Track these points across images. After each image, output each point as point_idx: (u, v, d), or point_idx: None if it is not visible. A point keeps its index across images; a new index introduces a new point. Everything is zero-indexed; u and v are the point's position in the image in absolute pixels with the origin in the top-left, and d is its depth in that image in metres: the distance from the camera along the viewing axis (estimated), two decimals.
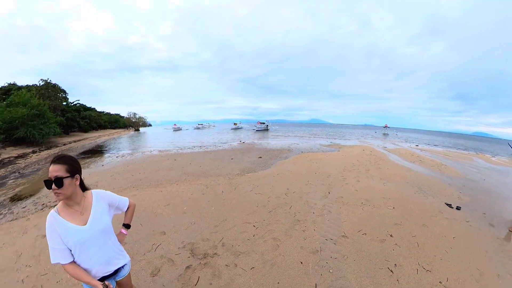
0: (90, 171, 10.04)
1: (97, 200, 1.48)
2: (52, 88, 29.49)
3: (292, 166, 8.38)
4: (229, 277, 2.61)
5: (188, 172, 8.31)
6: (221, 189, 5.83)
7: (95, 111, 50.59)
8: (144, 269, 2.87)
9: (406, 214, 4.23)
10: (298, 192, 5.32)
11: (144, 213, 4.49)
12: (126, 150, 17.65)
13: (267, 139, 23.49)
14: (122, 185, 7.12)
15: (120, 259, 1.58)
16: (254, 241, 3.31)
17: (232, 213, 4.30)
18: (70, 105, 36.28)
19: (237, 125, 55.43)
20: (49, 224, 1.29)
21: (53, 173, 1.26)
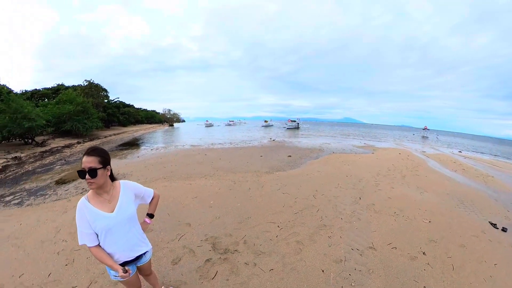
0: (126, 162, 11.25)
1: (125, 190, 1.67)
2: (94, 87, 33.59)
3: (322, 167, 8.11)
4: (246, 276, 2.70)
5: (218, 167, 8.70)
6: (248, 186, 5.98)
7: (133, 107, 56.50)
8: (166, 257, 3.16)
9: (443, 231, 3.78)
10: (327, 195, 5.16)
11: (173, 204, 4.89)
12: (160, 144, 19.36)
13: (298, 138, 23.12)
14: (154, 176, 7.80)
15: (143, 246, 1.78)
16: (276, 242, 3.34)
17: (257, 211, 4.38)
18: (110, 102, 40.51)
19: (268, 122, 57.79)
20: (79, 210, 1.49)
21: (87, 164, 1.44)
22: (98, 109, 30.72)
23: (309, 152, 12.10)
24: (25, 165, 12.15)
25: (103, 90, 35.87)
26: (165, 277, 2.76)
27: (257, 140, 20.73)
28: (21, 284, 2.84)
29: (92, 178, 1.45)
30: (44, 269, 3.09)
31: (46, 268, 3.10)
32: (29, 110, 15.48)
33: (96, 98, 32.36)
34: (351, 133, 31.32)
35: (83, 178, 1.45)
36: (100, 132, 28.98)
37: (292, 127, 43.48)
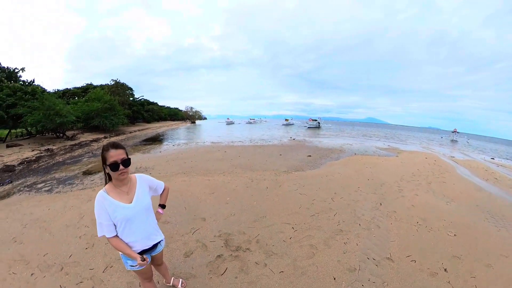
0: (149, 156, 11.96)
1: (140, 182, 1.82)
2: (121, 86, 36.60)
3: (342, 169, 7.89)
4: (255, 276, 2.73)
5: (236, 164, 8.88)
6: (266, 184, 6.01)
7: (157, 105, 59.10)
8: (179, 249, 3.30)
9: (469, 247, 3.46)
10: (346, 199, 5.02)
11: (190, 198, 5.10)
12: (181, 140, 20.44)
13: (319, 137, 22.66)
14: (174, 170, 8.19)
15: (157, 236, 1.93)
16: (289, 244, 3.33)
17: (273, 210, 4.40)
18: (135, 100, 43.27)
19: (289, 121, 58.01)
20: (98, 202, 1.61)
21: (120, 156, 1.58)
22: (124, 107, 33.23)
23: (329, 153, 11.85)
24: (56, 156, 13.39)
25: (128, 89, 38.86)
26: (176, 268, 2.89)
27: (277, 138, 20.79)
28: (45, 262, 3.17)
29: (125, 167, 1.61)
30: (66, 250, 3.41)
31: (68, 250, 3.41)
32: (60, 108, 17.30)
33: (122, 96, 35.27)
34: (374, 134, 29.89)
35: (116, 170, 1.57)
36: (125, 128, 31.28)
37: (313, 126, 43.18)
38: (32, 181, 8.09)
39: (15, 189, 7.31)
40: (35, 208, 5.27)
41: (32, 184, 7.69)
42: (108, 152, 1.57)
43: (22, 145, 15.36)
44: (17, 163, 11.37)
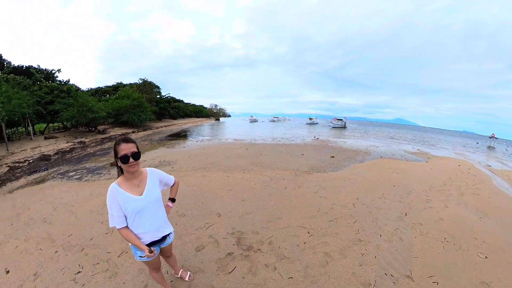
0: (173, 151, 12.57)
1: (151, 176, 1.96)
2: (148, 84, 39.36)
3: (367, 172, 7.54)
4: (263, 278, 2.74)
5: (257, 162, 8.98)
6: (285, 184, 6.00)
7: (182, 102, 62.86)
8: (192, 242, 3.45)
9: (502, 272, 3.06)
10: (369, 205, 4.80)
11: (208, 194, 5.29)
12: (205, 136, 21.28)
13: (343, 138, 21.67)
14: (196, 165, 8.53)
15: (167, 228, 2.05)
16: (303, 249, 3.29)
17: (289, 212, 4.38)
18: (162, 98, 46.41)
19: (313, 120, 57.08)
20: (110, 194, 1.76)
21: (130, 150, 1.72)
22: (151, 104, 36.01)
23: (354, 154, 11.40)
24: (87, 148, 14.78)
25: (155, 87, 41.62)
26: (186, 261, 3.03)
27: (300, 137, 20.50)
28: (68, 242, 3.56)
29: (135, 160, 1.75)
30: (88, 233, 3.78)
31: (90, 233, 3.78)
32: (92, 104, 19.45)
33: (149, 94, 37.83)
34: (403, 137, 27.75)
35: (126, 163, 1.72)
36: (152, 124, 33.65)
37: (338, 126, 42.02)
38: (64, 170, 8.98)
39: (49, 175, 8.18)
40: (65, 194, 5.88)
41: (65, 172, 8.51)
42: (119, 146, 1.71)
43: (58, 137, 17.30)
44: (53, 153, 12.76)
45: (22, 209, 5.10)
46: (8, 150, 12.45)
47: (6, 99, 12.51)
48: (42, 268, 3.04)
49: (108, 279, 2.80)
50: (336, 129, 37.37)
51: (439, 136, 37.37)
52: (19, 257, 3.31)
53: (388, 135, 29.00)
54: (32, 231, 4.01)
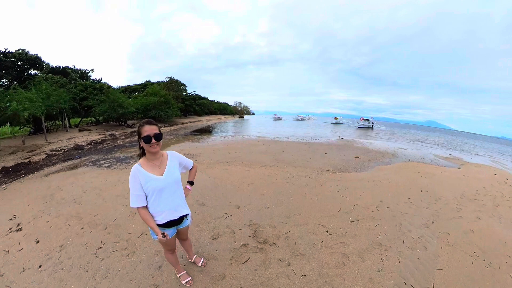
0: (197, 145, 13.10)
1: (171, 158, 2.08)
2: (175, 82, 41.74)
3: (393, 175, 7.13)
4: (275, 273, 2.72)
5: (279, 159, 8.99)
6: (306, 181, 5.94)
7: (207, 100, 65.11)
8: (209, 230, 3.55)
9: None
10: (393, 209, 4.55)
11: (229, 186, 5.43)
12: (229, 133, 22.12)
13: (370, 138, 20.64)
14: (219, 159, 8.80)
15: (184, 209, 2.15)
16: (320, 248, 3.21)
17: (309, 209, 4.32)
18: (188, 95, 48.76)
19: (338, 119, 56.00)
20: (132, 174, 1.89)
21: (153, 131, 1.85)
22: (178, 101, 37.92)
23: (380, 156, 10.84)
24: (117, 140, 15.99)
25: (182, 85, 43.91)
26: (201, 248, 3.13)
27: (325, 137, 20.19)
28: (94, 220, 3.89)
29: (157, 141, 1.87)
30: (112, 215, 4.09)
31: (113, 215, 4.09)
32: (123, 101, 21.44)
33: (176, 91, 40.02)
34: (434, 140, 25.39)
35: (148, 143, 1.84)
36: (178, 120, 35.40)
37: (364, 127, 40.45)
38: (95, 158, 9.73)
39: (82, 163, 8.94)
40: (95, 179, 6.37)
41: (96, 160, 9.22)
42: (143, 128, 1.84)
43: (90, 130, 19.08)
44: (86, 143, 13.97)
45: (56, 190, 5.64)
46: (47, 140, 14.04)
47: (45, 95, 14.27)
48: (68, 241, 3.35)
49: (126, 256, 2.99)
50: (362, 129, 36.10)
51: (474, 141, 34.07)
52: (49, 230, 3.69)
53: (417, 138, 27.16)
54: (63, 209, 4.44)
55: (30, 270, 2.90)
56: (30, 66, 19.76)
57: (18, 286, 2.67)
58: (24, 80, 17.56)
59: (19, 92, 12.64)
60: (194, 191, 4.93)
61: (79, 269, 2.84)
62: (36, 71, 20.39)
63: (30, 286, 2.65)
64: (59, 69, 22.95)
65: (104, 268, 2.83)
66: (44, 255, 3.11)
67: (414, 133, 38.09)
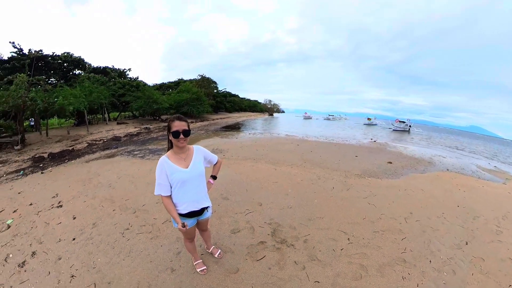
0: (226, 141, 13.60)
1: (197, 152, 2.23)
2: (206, 80, 44.36)
3: (427, 185, 6.56)
4: (288, 274, 2.72)
5: (306, 159, 8.90)
6: (332, 184, 5.81)
7: (238, 97, 67.03)
8: (229, 224, 3.69)
9: None
10: (423, 224, 4.20)
11: (253, 183, 5.54)
12: (257, 130, 22.61)
13: (405, 143, 19.12)
14: (246, 155, 8.99)
15: (206, 201, 2.30)
16: (338, 255, 3.11)
17: (332, 213, 4.22)
18: (219, 92, 51.83)
19: (371, 120, 53.34)
20: (159, 165, 2.06)
21: (182, 127, 2.00)
22: (209, 98, 39.98)
23: (415, 163, 10.04)
24: (151, 133, 17.28)
25: (213, 83, 46.66)
26: (219, 240, 3.26)
27: (356, 138, 19.43)
28: (124, 204, 4.31)
29: (185, 137, 2.03)
30: (142, 200, 4.49)
31: (143, 200, 4.48)
32: (157, 97, 23.57)
33: (207, 88, 42.25)
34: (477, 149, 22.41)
35: (176, 137, 2.00)
36: (209, 116, 37.28)
37: (399, 129, 37.65)
38: (131, 149, 10.59)
39: (118, 152, 9.83)
40: (129, 167, 6.98)
41: (131, 151, 10.03)
42: (173, 123, 2.00)
43: (127, 123, 21.18)
44: (123, 135, 15.40)
45: (94, 175, 6.28)
46: (88, 131, 15.93)
47: (88, 92, 16.29)
48: (100, 220, 3.78)
49: (149, 239, 3.26)
50: (397, 132, 33.78)
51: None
52: (85, 209, 4.18)
53: (458, 144, 24.62)
54: (99, 192, 4.96)
55: (65, 241, 3.33)
56: (75, 66, 22.66)
57: (54, 253, 3.10)
58: (69, 79, 20.38)
59: (65, 89, 14.51)
60: (219, 185, 5.11)
61: (106, 245, 3.17)
62: (79, 71, 23.23)
63: (63, 254, 3.06)
64: (100, 69, 25.73)
65: (128, 247, 3.12)
66: (78, 230, 3.54)
67: (454, 139, 34.68)
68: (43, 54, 19.22)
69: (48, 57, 19.78)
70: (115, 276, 2.68)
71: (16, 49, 18.22)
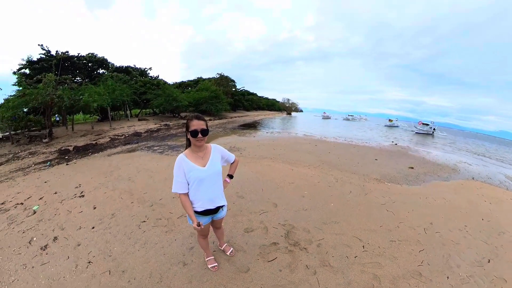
0: (243, 139, 13.74)
1: (214, 151, 2.27)
2: (224, 78, 45.21)
3: (450, 194, 6.13)
4: (299, 278, 2.69)
5: (324, 160, 8.80)
6: (350, 188, 5.68)
7: (256, 95, 67.29)
8: (243, 223, 3.72)
9: None
10: (443, 236, 3.96)
11: (270, 182, 5.55)
12: (275, 129, 22.76)
13: (428, 147, 17.94)
14: (263, 154, 9.06)
15: (221, 200, 2.33)
16: (351, 263, 3.02)
17: (348, 219, 4.12)
18: (237, 90, 52.52)
19: (393, 122, 51.04)
20: (178, 163, 2.12)
21: (200, 126, 2.04)
22: (227, 96, 40.65)
23: (438, 169, 9.47)
24: (171, 130, 17.95)
25: (231, 81, 47.48)
26: (232, 238, 3.30)
27: (376, 140, 18.76)
28: (143, 198, 4.51)
29: (203, 136, 2.07)
30: (159, 194, 4.68)
31: (160, 195, 4.67)
32: (176, 95, 24.59)
33: (225, 87, 43.30)
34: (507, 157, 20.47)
35: (195, 137, 2.04)
36: (227, 114, 37.97)
37: (422, 132, 35.48)
38: (151, 144, 10.98)
39: (138, 147, 10.24)
40: (148, 162, 7.26)
41: (151, 146, 10.39)
42: (191, 122, 2.04)
43: (148, 120, 22.32)
44: (143, 131, 16.12)
45: (115, 168, 6.59)
46: (111, 127, 16.95)
47: (111, 90, 17.26)
48: (118, 212, 3.98)
49: (164, 233, 3.37)
50: (420, 135, 31.99)
51: None
52: (105, 200, 4.42)
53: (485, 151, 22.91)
54: (119, 184, 5.21)
55: (85, 229, 3.56)
56: (98, 66, 24.23)
57: (74, 239, 3.34)
58: (93, 78, 21.78)
59: (90, 88, 15.47)
60: (235, 184, 5.16)
61: (123, 236, 3.33)
62: (103, 70, 24.75)
63: (83, 241, 3.28)
64: (122, 68, 27.12)
65: (144, 239, 3.26)
66: (97, 219, 3.77)
67: (481, 144, 32.32)
68: (69, 55, 20.70)
69: (74, 57, 21.27)
70: (129, 265, 2.81)
71: (45, 51, 19.69)
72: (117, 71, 25.31)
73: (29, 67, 18.95)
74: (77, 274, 2.74)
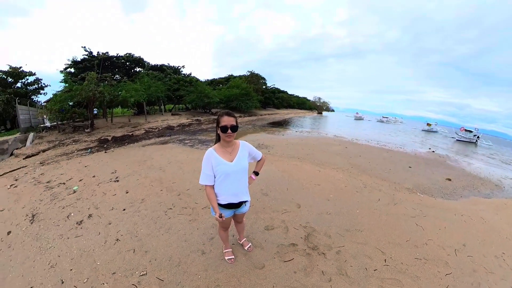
0: (272, 137, 13.90)
1: (242, 147, 2.38)
2: (255, 76, 46.17)
3: (490, 214, 5.34)
4: (312, 283, 2.65)
5: (354, 163, 8.54)
6: (379, 196, 5.42)
7: (286, 93, 66.91)
8: (264, 220, 3.80)
9: None
10: (476, 261, 3.53)
11: (295, 182, 5.56)
12: (305, 128, 22.55)
13: (470, 157, 15.69)
14: (290, 153, 9.12)
15: (245, 195, 2.44)
16: (369, 275, 2.88)
17: (373, 228, 3.94)
18: (268, 88, 53.10)
19: (431, 126, 45.21)
20: (206, 156, 2.25)
21: (230, 122, 2.16)
22: (258, 93, 41.20)
23: (479, 184, 8.40)
24: (202, 125, 18.92)
25: (262, 79, 48.42)
26: (252, 234, 3.39)
27: (411, 146, 17.36)
28: (171, 186, 4.86)
29: (233, 132, 2.18)
30: (188, 185, 5.01)
31: (188, 185, 5.00)
32: (208, 92, 26.26)
33: (256, 84, 43.84)
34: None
35: (225, 132, 2.16)
36: (257, 111, 38.70)
37: (465, 140, 31.15)
38: (182, 138, 11.66)
39: (171, 140, 10.94)
40: (179, 154, 7.74)
41: (182, 139, 11.00)
42: (222, 118, 2.16)
43: (181, 115, 23.92)
44: (176, 125, 17.21)
45: (148, 158, 7.13)
46: (146, 120, 18.55)
47: (147, 87, 18.99)
48: (148, 197, 4.37)
49: (188, 221, 3.61)
50: (461, 143, 28.38)
51: None
52: (137, 186, 4.87)
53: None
54: (150, 173, 5.67)
55: (116, 210, 3.99)
56: (135, 65, 26.34)
57: (106, 218, 3.78)
58: (131, 76, 23.87)
59: (128, 84, 17.29)
60: (260, 181, 5.24)
61: (150, 220, 3.65)
62: (140, 69, 26.85)
63: (113, 220, 3.69)
64: (157, 66, 29.30)
65: (168, 225, 3.52)
66: (128, 203, 4.19)
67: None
68: (109, 55, 22.84)
69: (113, 57, 23.49)
70: (152, 247, 3.06)
71: (87, 52, 21.88)
72: (153, 69, 27.47)
73: (74, 67, 21.23)
74: (105, 249, 3.06)
